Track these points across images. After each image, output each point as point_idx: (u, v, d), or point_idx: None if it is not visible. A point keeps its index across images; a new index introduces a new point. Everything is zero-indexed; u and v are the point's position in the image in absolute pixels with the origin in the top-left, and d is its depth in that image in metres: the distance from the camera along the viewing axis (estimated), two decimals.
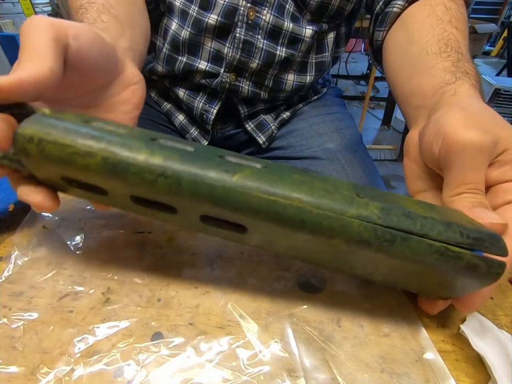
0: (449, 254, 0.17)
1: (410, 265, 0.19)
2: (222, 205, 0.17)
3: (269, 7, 0.42)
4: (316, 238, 0.18)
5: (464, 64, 0.28)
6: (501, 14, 3.95)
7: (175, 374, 0.19)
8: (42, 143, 0.17)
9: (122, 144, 0.17)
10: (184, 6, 0.44)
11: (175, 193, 0.17)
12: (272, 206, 0.17)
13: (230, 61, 0.44)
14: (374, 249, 0.18)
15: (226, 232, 0.20)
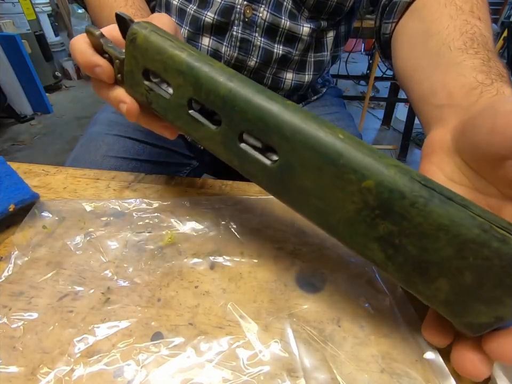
0: (494, 234, 0.15)
1: (440, 242, 0.16)
2: (264, 119, 0.19)
3: (266, 5, 0.42)
4: (346, 177, 0.17)
5: (496, 64, 0.25)
6: (501, 14, 3.95)
7: (175, 374, 0.19)
8: (151, 33, 0.23)
9: (205, 56, 0.22)
10: (181, 5, 0.44)
11: (230, 100, 0.20)
12: (314, 132, 0.18)
13: (227, 60, 0.44)
14: (407, 204, 0.16)
15: (256, 160, 0.21)
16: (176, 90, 0.23)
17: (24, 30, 2.29)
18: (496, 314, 0.16)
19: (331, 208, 0.18)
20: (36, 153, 1.85)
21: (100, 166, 0.45)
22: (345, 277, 0.26)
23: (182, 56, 0.22)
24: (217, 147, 0.23)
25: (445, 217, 0.15)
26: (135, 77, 0.26)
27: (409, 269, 0.17)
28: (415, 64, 0.31)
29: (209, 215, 0.31)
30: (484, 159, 0.20)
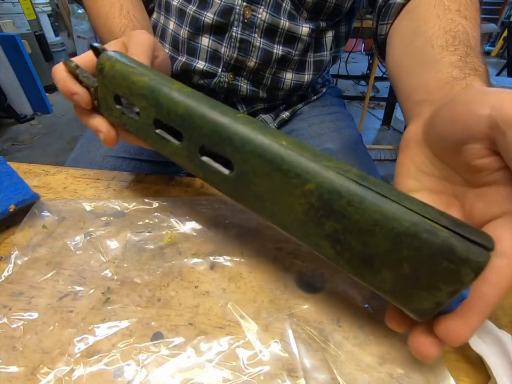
0: (423, 225, 0.16)
1: (377, 237, 0.17)
2: (219, 133, 0.21)
3: (265, 6, 0.42)
4: (290, 181, 0.19)
5: (472, 59, 0.26)
6: (501, 14, 3.96)
7: (175, 374, 0.19)
8: (116, 62, 0.26)
9: (166, 78, 0.25)
10: (181, 5, 0.44)
11: (187, 117, 0.23)
12: (259, 141, 0.20)
13: (227, 60, 0.45)
14: (344, 202, 0.17)
15: (216, 171, 0.23)
16: (142, 112, 0.26)
17: (24, 30, 2.29)
18: (435, 300, 0.17)
19: (283, 210, 0.20)
20: (36, 153, 1.85)
21: (100, 165, 0.45)
22: (345, 277, 0.26)
23: (143, 81, 0.25)
24: (183, 161, 0.25)
25: (379, 213, 0.16)
26: (108, 102, 0.28)
27: (356, 263, 0.18)
28: (402, 63, 0.32)
29: (209, 215, 0.31)
30: (447, 147, 0.21)
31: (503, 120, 0.16)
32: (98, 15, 0.41)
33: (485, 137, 0.18)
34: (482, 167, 0.19)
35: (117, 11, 0.39)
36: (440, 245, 0.15)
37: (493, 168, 0.18)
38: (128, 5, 0.40)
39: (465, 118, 0.19)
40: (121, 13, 0.39)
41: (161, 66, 0.35)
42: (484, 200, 0.19)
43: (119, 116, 0.28)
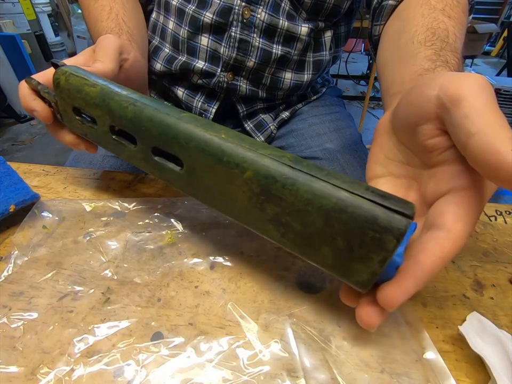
0: (349, 200, 0.17)
1: (311, 215, 0.18)
2: (166, 132, 0.23)
3: (264, 6, 0.42)
4: (231, 172, 0.20)
5: (446, 53, 0.27)
6: (501, 14, 3.95)
7: (175, 374, 0.19)
8: (70, 76, 0.28)
9: (118, 86, 0.27)
10: (180, 5, 0.44)
11: (137, 120, 0.24)
12: (201, 136, 0.21)
13: (226, 60, 0.45)
14: (280, 185, 0.18)
15: (169, 169, 0.24)
16: (98, 120, 0.28)
17: (24, 30, 2.29)
18: (370, 270, 0.17)
19: (230, 200, 0.21)
20: (36, 153, 1.85)
21: (100, 165, 0.45)
22: None
23: (95, 91, 0.26)
24: (140, 163, 0.27)
25: (309, 193, 0.18)
26: (69, 114, 0.30)
27: (300, 243, 0.19)
28: (386, 60, 0.34)
29: (209, 215, 0.31)
30: (406, 130, 0.22)
31: (448, 98, 0.17)
32: (90, 18, 0.42)
33: (434, 117, 0.19)
34: (433, 147, 0.20)
35: (105, 14, 0.40)
36: (364, 217, 0.16)
37: (443, 147, 0.19)
38: (119, 8, 0.41)
39: (417, 100, 0.20)
40: (109, 16, 0.39)
41: (133, 68, 0.36)
42: (434, 180, 0.20)
43: (80, 126, 0.30)
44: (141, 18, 0.45)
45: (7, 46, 1.98)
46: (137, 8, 0.46)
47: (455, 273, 0.26)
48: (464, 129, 0.17)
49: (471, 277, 0.26)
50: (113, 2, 0.41)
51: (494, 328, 0.21)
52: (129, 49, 0.35)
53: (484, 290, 0.25)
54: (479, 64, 3.59)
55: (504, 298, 0.24)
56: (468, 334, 0.20)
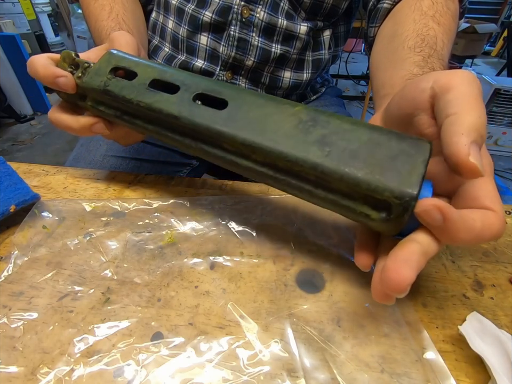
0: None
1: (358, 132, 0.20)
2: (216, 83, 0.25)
3: (263, 5, 0.42)
4: (282, 107, 0.23)
5: (433, 60, 0.29)
6: (501, 14, 3.95)
7: (175, 374, 0.19)
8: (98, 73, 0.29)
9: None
10: (180, 4, 0.44)
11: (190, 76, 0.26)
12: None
13: (225, 59, 0.45)
14: (329, 113, 0.22)
15: (210, 111, 0.24)
16: (142, 75, 0.28)
17: (24, 30, 2.29)
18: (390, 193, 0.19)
19: (274, 128, 0.23)
20: (36, 153, 1.85)
21: (100, 165, 0.45)
22: (345, 277, 0.26)
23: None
24: (167, 105, 0.26)
25: (352, 120, 0.21)
26: (101, 71, 0.29)
27: (345, 160, 0.20)
28: (378, 62, 0.36)
29: (209, 215, 0.31)
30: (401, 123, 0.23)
31: (439, 88, 0.19)
32: (90, 17, 0.42)
33: (428, 106, 0.20)
34: (431, 136, 0.21)
35: (106, 14, 0.40)
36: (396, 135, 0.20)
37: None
38: (119, 8, 0.41)
39: (412, 93, 0.21)
40: (110, 15, 0.40)
41: None
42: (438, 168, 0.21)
43: (106, 80, 0.29)
44: (140, 18, 0.45)
45: (7, 46, 1.98)
46: (137, 8, 0.46)
47: (455, 273, 0.26)
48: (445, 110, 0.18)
49: (471, 277, 0.26)
50: (113, 2, 0.41)
51: (494, 328, 0.21)
52: (141, 48, 0.35)
53: (484, 290, 0.25)
54: (479, 64, 3.58)
55: (504, 298, 0.24)
56: (468, 334, 0.20)
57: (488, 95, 1.76)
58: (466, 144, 0.17)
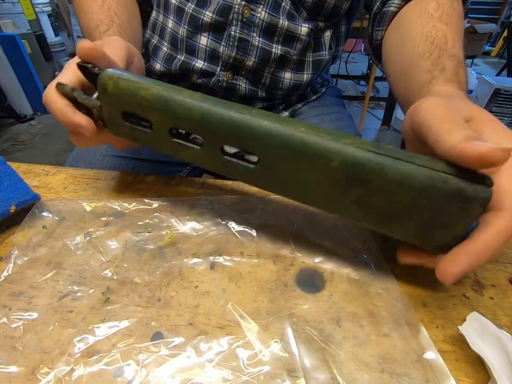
0: (436, 177, 0.19)
1: (398, 194, 0.20)
2: (241, 132, 0.22)
3: (264, 5, 0.42)
4: (316, 163, 0.21)
5: (444, 60, 0.30)
6: (501, 14, 3.95)
7: (175, 374, 0.19)
8: (119, 80, 0.25)
9: (173, 89, 0.24)
10: (180, 4, 0.44)
11: (205, 123, 0.23)
12: (281, 132, 0.21)
13: (225, 59, 0.45)
14: (368, 172, 0.20)
15: (242, 166, 0.24)
16: (156, 124, 0.26)
17: (24, 30, 2.29)
18: (452, 235, 0.20)
19: (311, 189, 0.23)
20: (36, 153, 1.85)
21: (100, 165, 0.45)
22: (345, 277, 0.26)
23: (153, 94, 0.24)
24: (203, 161, 0.26)
25: (398, 174, 0.19)
26: (116, 120, 0.28)
27: (383, 219, 0.21)
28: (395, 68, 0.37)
29: (209, 215, 0.31)
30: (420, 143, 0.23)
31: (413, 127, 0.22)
32: (80, 10, 0.41)
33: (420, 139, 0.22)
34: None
35: (97, 6, 0.39)
36: (451, 190, 0.18)
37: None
38: (111, 1, 0.40)
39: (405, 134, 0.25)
40: (101, 8, 0.39)
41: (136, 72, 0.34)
42: None
43: (130, 131, 0.28)
44: (135, 14, 0.45)
45: (7, 46, 1.98)
46: (132, 3, 0.45)
47: None
48: (429, 141, 0.20)
49: (471, 277, 0.26)
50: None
51: (494, 328, 0.21)
52: (134, 52, 0.34)
53: (484, 290, 0.25)
54: (479, 64, 3.58)
55: (504, 298, 0.24)
56: (468, 334, 0.20)
57: (488, 95, 1.76)
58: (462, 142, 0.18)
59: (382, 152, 0.19)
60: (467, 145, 0.17)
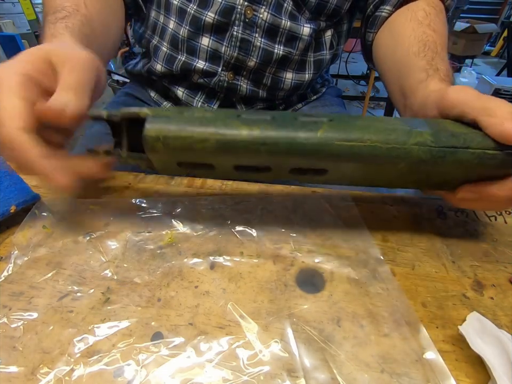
0: (487, 157, 0.22)
1: (455, 172, 0.23)
2: (311, 157, 0.22)
3: (267, 6, 0.42)
4: (384, 166, 0.23)
5: (437, 61, 0.33)
6: (501, 14, 3.95)
7: (175, 374, 0.19)
8: (167, 140, 0.22)
9: (226, 125, 0.22)
10: (182, 5, 0.44)
11: (274, 155, 0.22)
12: (351, 149, 0.22)
13: (227, 60, 0.45)
14: (431, 164, 0.22)
15: (310, 177, 0.25)
16: (219, 166, 0.25)
17: (24, 30, 2.29)
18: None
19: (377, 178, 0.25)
20: None
21: None
22: (345, 277, 0.26)
23: (211, 146, 0.22)
24: (271, 179, 0.27)
25: (456, 162, 0.22)
26: (170, 167, 0.26)
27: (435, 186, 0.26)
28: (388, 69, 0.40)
29: (209, 215, 0.31)
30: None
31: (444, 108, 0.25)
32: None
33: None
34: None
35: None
36: (498, 162, 0.22)
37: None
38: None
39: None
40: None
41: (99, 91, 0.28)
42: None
43: (187, 172, 0.27)
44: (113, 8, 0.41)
45: (7, 46, 1.98)
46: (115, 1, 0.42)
47: (455, 273, 0.26)
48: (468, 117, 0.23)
49: (471, 277, 0.26)
50: None
51: (494, 328, 0.21)
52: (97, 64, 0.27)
53: (484, 290, 0.25)
54: (479, 64, 3.58)
55: (504, 298, 0.24)
56: (468, 334, 0.20)
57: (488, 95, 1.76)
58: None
59: (441, 145, 0.22)
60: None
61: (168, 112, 0.24)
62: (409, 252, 0.28)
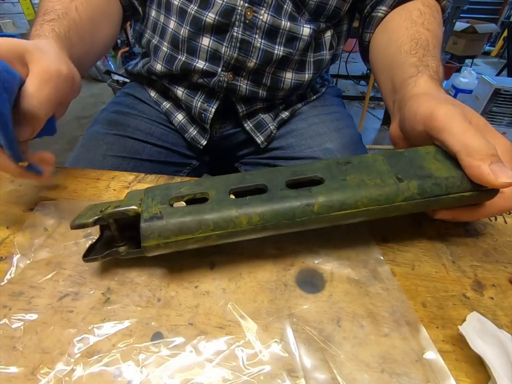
0: (465, 198, 0.24)
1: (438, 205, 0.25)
2: (308, 226, 0.24)
3: (267, 7, 0.42)
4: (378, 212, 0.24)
5: (428, 58, 0.34)
6: (501, 14, 3.95)
7: (175, 374, 0.19)
8: (168, 244, 0.23)
9: (224, 219, 0.22)
10: (182, 5, 0.44)
11: (274, 231, 0.24)
12: (346, 216, 0.24)
13: (227, 60, 0.45)
14: (416, 209, 0.25)
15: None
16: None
17: (24, 30, 2.29)
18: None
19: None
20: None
21: (100, 165, 0.45)
22: (345, 277, 0.26)
23: (209, 240, 0.23)
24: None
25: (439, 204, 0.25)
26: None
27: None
28: (381, 67, 0.41)
29: None
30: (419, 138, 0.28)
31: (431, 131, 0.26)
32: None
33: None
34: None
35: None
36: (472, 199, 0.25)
37: None
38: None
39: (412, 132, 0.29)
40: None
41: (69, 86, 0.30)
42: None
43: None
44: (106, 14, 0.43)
45: None
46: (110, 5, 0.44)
47: (455, 273, 0.26)
48: (449, 148, 0.25)
49: (471, 277, 0.26)
50: None
51: (494, 328, 0.21)
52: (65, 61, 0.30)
53: (484, 290, 0.25)
54: (479, 64, 3.58)
55: (504, 298, 0.24)
56: (468, 334, 0.20)
57: (488, 95, 1.76)
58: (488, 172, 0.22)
59: (426, 196, 0.24)
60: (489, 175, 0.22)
61: (157, 207, 0.23)
62: (409, 252, 0.28)
